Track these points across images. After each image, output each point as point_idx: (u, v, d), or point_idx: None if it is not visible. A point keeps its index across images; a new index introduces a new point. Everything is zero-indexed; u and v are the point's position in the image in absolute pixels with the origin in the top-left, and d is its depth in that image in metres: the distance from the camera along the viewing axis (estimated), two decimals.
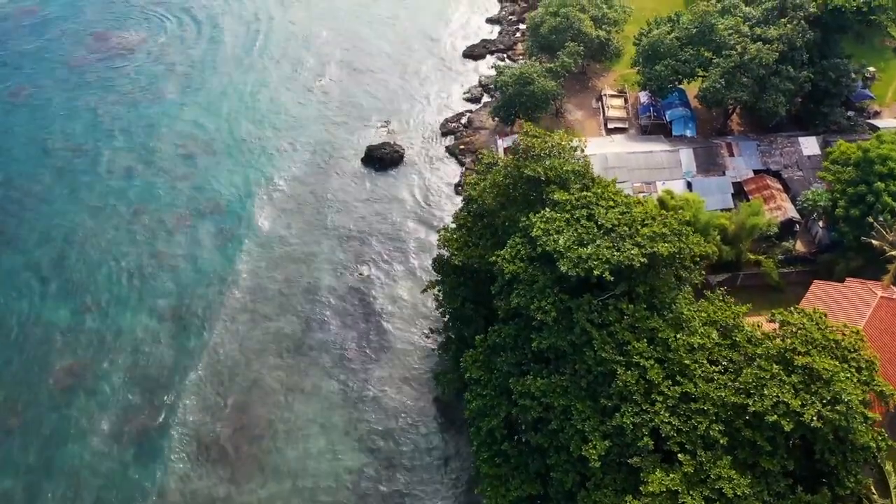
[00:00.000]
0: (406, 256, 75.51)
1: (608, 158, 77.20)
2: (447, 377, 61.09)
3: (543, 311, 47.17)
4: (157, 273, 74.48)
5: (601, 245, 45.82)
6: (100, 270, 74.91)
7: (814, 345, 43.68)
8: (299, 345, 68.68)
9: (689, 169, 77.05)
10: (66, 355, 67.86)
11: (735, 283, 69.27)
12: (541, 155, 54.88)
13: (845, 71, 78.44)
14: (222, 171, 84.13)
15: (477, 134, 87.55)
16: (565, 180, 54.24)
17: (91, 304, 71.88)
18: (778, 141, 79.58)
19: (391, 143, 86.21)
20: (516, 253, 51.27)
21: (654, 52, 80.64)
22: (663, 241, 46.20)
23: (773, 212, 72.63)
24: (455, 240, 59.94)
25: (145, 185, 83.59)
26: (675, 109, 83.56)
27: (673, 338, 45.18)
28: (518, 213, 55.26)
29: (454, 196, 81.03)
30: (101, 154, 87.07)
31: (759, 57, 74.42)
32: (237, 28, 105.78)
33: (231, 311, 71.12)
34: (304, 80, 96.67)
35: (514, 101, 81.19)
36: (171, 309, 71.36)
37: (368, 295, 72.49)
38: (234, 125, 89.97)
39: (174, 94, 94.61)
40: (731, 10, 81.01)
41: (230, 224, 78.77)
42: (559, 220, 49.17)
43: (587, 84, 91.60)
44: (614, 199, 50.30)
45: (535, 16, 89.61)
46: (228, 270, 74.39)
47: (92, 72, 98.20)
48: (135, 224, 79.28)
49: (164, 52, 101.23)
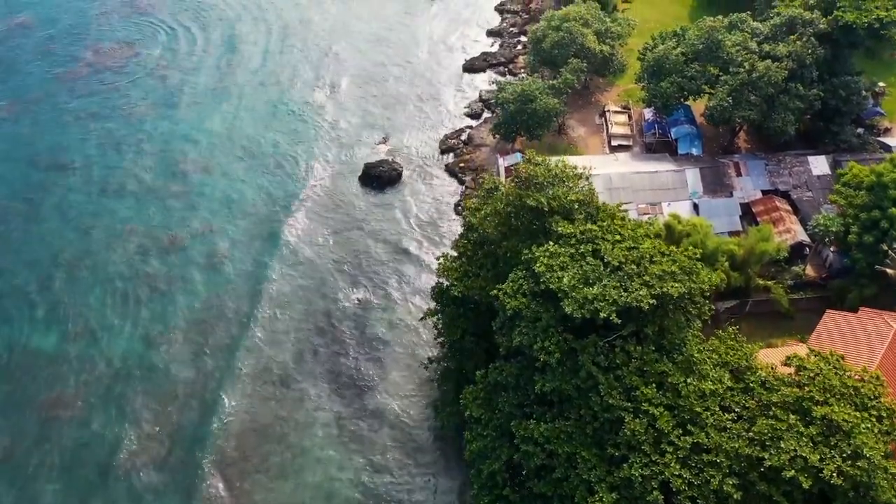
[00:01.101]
0: (404, 280, 73.34)
1: (612, 179, 75.08)
2: (447, 410, 59.00)
3: (547, 353, 45.07)
4: (148, 298, 72.28)
5: (608, 285, 43.69)
6: (90, 294, 72.70)
7: (832, 392, 41.55)
8: (293, 374, 66.50)
9: (696, 189, 74.89)
10: (53, 385, 65.66)
11: (744, 310, 67.38)
12: (543, 183, 52.74)
13: (856, 89, 76.27)
14: (216, 191, 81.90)
15: (477, 151, 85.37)
16: (569, 210, 52.18)
17: (80, 331, 69.67)
18: (786, 160, 77.44)
19: (389, 161, 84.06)
20: (518, 287, 49.18)
21: (660, 67, 78.54)
22: (673, 280, 44.07)
23: (782, 235, 70.53)
24: (455, 269, 57.87)
25: (137, 204, 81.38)
26: (681, 127, 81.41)
27: (683, 383, 43.05)
28: (520, 243, 53.23)
29: (454, 217, 78.89)
30: (92, 171, 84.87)
31: (767, 75, 72.30)
32: (231, 42, 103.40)
33: (221, 338, 68.95)
34: (300, 96, 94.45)
35: (516, 118, 79.01)
36: (162, 336, 69.18)
37: (365, 321, 70.32)
38: (228, 142, 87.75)
39: (168, 110, 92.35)
40: (738, 25, 78.87)
41: (223, 246, 76.56)
42: (563, 256, 47.05)
43: (590, 99, 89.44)
44: (621, 232, 48.16)
45: (537, 29, 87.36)
46: (220, 296, 72.17)
47: (84, 86, 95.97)
48: (126, 245, 77.03)
49: (158, 65, 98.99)
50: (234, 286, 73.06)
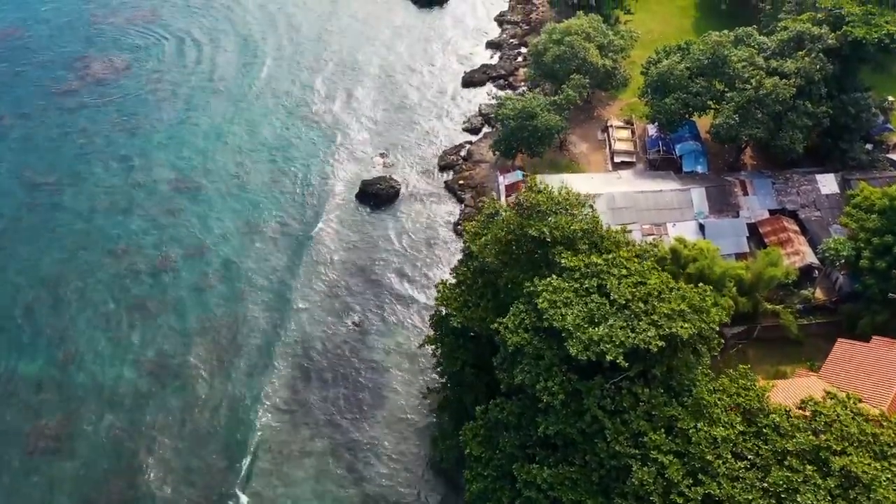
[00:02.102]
0: (402, 304, 71.31)
1: (615, 198, 73.10)
2: (446, 444, 57.01)
3: (550, 393, 43.11)
4: (138, 322, 70.31)
5: (614, 325, 41.69)
6: (78, 319, 70.73)
7: (850, 440, 39.58)
8: (288, 402, 64.58)
9: (701, 209, 72.91)
10: (40, 414, 63.74)
11: (752, 336, 65.45)
12: (546, 212, 50.74)
13: (866, 106, 74.30)
14: (208, 210, 79.81)
15: (477, 168, 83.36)
16: (572, 240, 50.19)
17: (68, 357, 67.71)
18: (794, 178, 75.45)
19: (386, 178, 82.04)
20: (520, 322, 47.20)
21: (663, 83, 76.57)
22: (682, 319, 42.08)
23: (790, 257, 68.56)
24: (454, 298, 55.82)
25: (128, 222, 79.35)
26: (686, 143, 79.41)
27: (693, 429, 41.03)
28: (521, 274, 51.30)
29: (452, 237, 76.90)
30: (82, 189, 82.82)
31: (775, 92, 70.33)
32: (226, 54, 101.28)
33: (214, 364, 66.99)
34: (296, 110, 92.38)
35: (516, 135, 77.03)
36: (153, 362, 67.20)
37: (362, 347, 68.37)
38: (222, 158, 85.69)
39: (161, 124, 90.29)
40: (744, 40, 76.92)
41: (215, 268, 74.56)
42: (567, 291, 45.05)
43: (592, 113, 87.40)
44: (627, 266, 46.10)
45: (538, 42, 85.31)
46: (212, 319, 70.18)
47: (75, 100, 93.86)
48: (116, 266, 75.07)
49: (152, 78, 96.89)
50: (226, 309, 71.08)
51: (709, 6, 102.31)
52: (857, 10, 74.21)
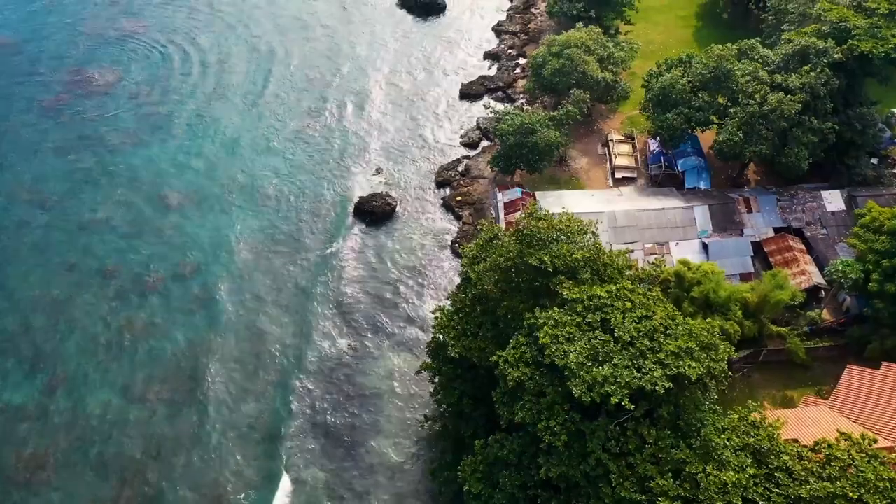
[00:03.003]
0: (398, 326, 69.60)
1: (617, 217, 71.49)
2: (444, 475, 55.24)
3: (552, 434, 41.49)
4: (129, 344, 68.39)
5: (619, 364, 40.01)
6: (68, 341, 68.83)
7: (866, 487, 37.94)
8: (280, 428, 62.79)
9: (705, 228, 71.32)
10: (28, 442, 61.81)
11: (757, 359, 63.83)
12: (546, 240, 49.07)
13: (872, 121, 72.80)
14: (200, 228, 78.00)
15: (475, 184, 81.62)
16: (574, 269, 48.54)
17: (58, 382, 65.79)
18: (799, 195, 73.89)
19: (382, 195, 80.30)
20: (520, 356, 45.64)
21: (665, 97, 74.95)
22: (690, 358, 40.42)
23: (796, 277, 66.95)
24: (451, 326, 54.11)
25: (119, 241, 77.39)
26: (688, 159, 77.79)
27: (702, 473, 39.36)
28: (521, 303, 49.71)
29: (450, 256, 75.19)
30: (71, 206, 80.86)
31: (780, 108, 68.72)
32: (219, 67, 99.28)
33: (206, 388, 65.20)
34: (289, 123, 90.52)
35: (515, 151, 75.38)
36: (143, 387, 65.31)
37: (357, 371, 66.62)
38: (215, 173, 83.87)
39: (152, 139, 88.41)
40: (748, 53, 75.37)
41: (207, 288, 72.72)
42: (569, 326, 43.39)
43: (592, 127, 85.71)
44: (631, 298, 44.42)
45: (538, 55, 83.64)
46: (204, 341, 68.35)
47: (65, 113, 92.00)
48: (107, 287, 73.11)
49: (144, 91, 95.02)
50: (218, 331, 69.25)
51: (710, 16, 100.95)
52: (863, 22, 72.70)
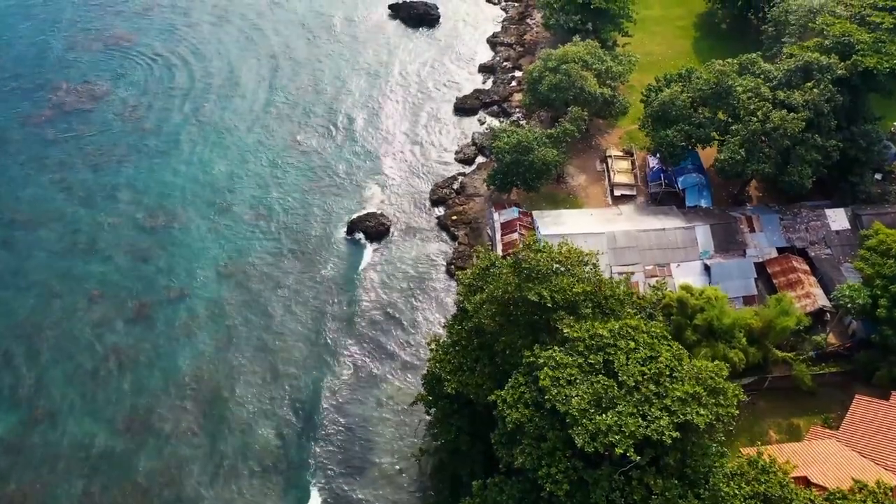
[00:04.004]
0: (393, 352, 67.72)
1: (617, 238, 69.68)
2: None
3: (554, 482, 39.66)
4: (114, 375, 66.45)
5: (623, 411, 38.20)
6: (52, 371, 66.87)
7: None
8: (273, 460, 60.94)
9: (707, 248, 69.54)
10: (10, 477, 59.86)
11: (762, 386, 62.12)
12: (546, 273, 47.22)
13: (877, 138, 71.11)
14: (188, 251, 75.89)
15: (470, 202, 79.74)
16: (575, 304, 46.72)
17: (41, 414, 63.84)
18: (802, 213, 72.16)
19: (376, 214, 78.36)
20: (519, 396, 43.86)
21: (665, 114, 73.20)
22: (698, 405, 38.61)
23: (801, 300, 65.23)
24: (447, 360, 52.24)
25: (106, 264, 75.33)
26: (689, 176, 75.95)
27: None
28: (520, 339, 47.86)
29: (446, 277, 73.31)
30: (57, 227, 78.62)
31: (783, 126, 66.99)
32: (207, 80, 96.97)
33: (196, 419, 63.29)
34: (280, 140, 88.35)
35: (512, 169, 73.52)
36: (130, 419, 63.38)
37: (353, 399, 64.78)
38: (205, 192, 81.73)
39: (141, 157, 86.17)
40: (749, 68, 73.57)
41: (195, 313, 70.74)
42: (571, 367, 41.58)
43: (590, 142, 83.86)
44: (635, 337, 42.60)
45: (534, 69, 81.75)
46: (194, 369, 66.45)
47: (50, 130, 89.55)
48: (92, 313, 71.14)
49: (131, 106, 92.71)
50: (206, 358, 67.39)
51: (708, 26, 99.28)
52: (867, 37, 70.99)
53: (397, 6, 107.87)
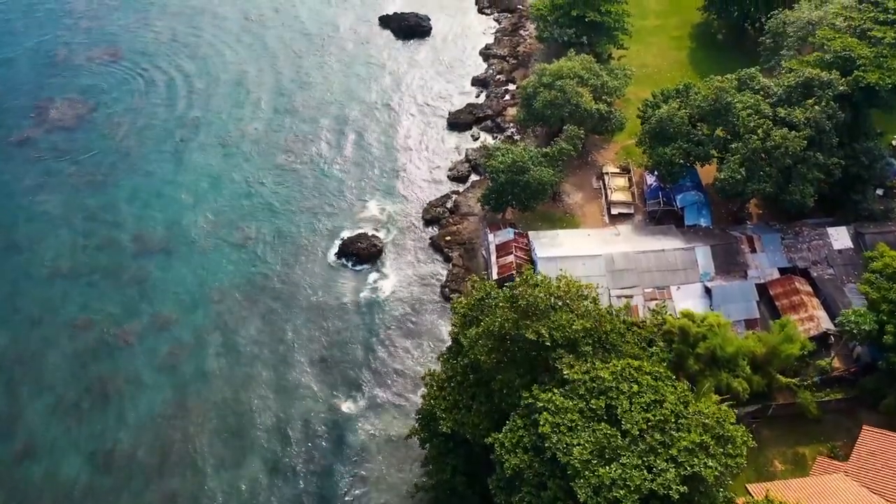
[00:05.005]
0: (386, 381, 65.75)
1: (615, 260, 67.89)
2: None
3: None
4: (98, 407, 64.39)
5: (628, 463, 36.39)
6: (34, 404, 64.77)
7: None
8: (261, 497, 58.89)
9: (707, 270, 67.81)
10: None
11: (766, 414, 60.42)
12: (544, 310, 45.39)
13: (879, 155, 69.56)
14: (175, 275, 73.80)
15: (464, 221, 77.84)
16: (574, 341, 44.90)
17: (24, 450, 61.72)
18: (804, 232, 70.50)
19: (367, 235, 76.36)
20: (518, 440, 42.10)
21: (663, 131, 71.48)
22: (706, 455, 36.82)
23: (804, 323, 63.54)
24: (442, 397, 50.37)
25: (90, 290, 73.17)
26: (687, 194, 74.22)
27: None
28: (518, 378, 46.04)
29: (440, 300, 71.44)
30: (40, 252, 76.45)
31: (784, 145, 65.33)
32: (196, 97, 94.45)
33: (182, 455, 61.19)
34: (268, 158, 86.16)
35: (507, 189, 71.68)
36: (116, 453, 61.29)
37: (346, 430, 62.76)
38: (192, 215, 79.45)
39: (126, 177, 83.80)
40: (748, 83, 71.89)
41: (183, 342, 68.63)
42: (571, 412, 39.79)
43: (586, 158, 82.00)
44: (638, 379, 40.80)
45: (528, 85, 79.88)
46: (178, 403, 64.30)
47: (33, 149, 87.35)
48: (75, 342, 69.11)
49: (115, 124, 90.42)
50: (194, 389, 65.33)
51: (704, 37, 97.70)
52: (868, 51, 69.38)
53: (388, 18, 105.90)
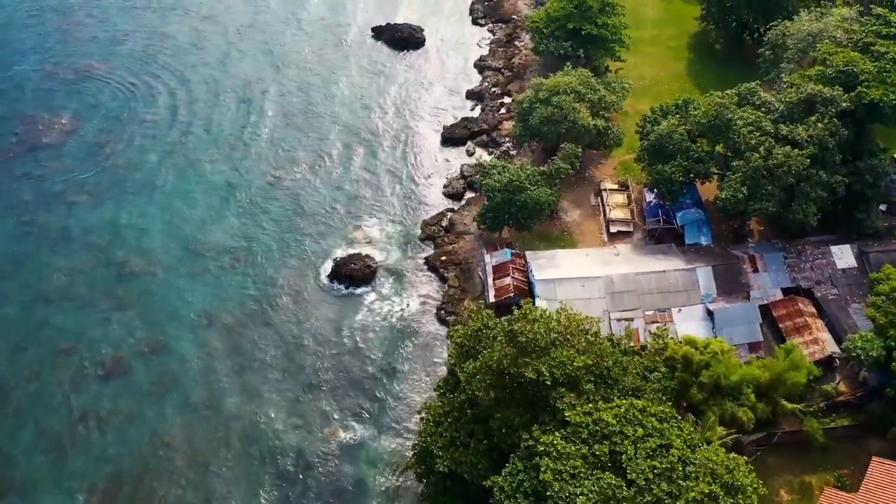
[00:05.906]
0: (382, 410, 63.92)
1: (614, 282, 66.37)
2: None
3: None
4: (87, 438, 62.39)
5: None
6: (19, 436, 62.72)
7: None
8: None
9: (709, 291, 66.36)
10: None
11: (771, 441, 58.97)
12: (544, 346, 43.78)
13: (883, 172, 68.20)
14: (164, 298, 71.92)
15: (460, 240, 76.15)
16: (576, 379, 43.32)
17: (4, 486, 59.73)
18: (807, 251, 69.12)
19: (361, 256, 74.63)
20: (518, 484, 40.44)
21: (662, 148, 70.04)
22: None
23: (808, 346, 62.16)
24: (439, 434, 48.71)
25: (77, 313, 71.09)
26: (687, 211, 72.77)
27: None
28: (517, 417, 44.42)
29: (435, 322, 69.82)
30: (24, 275, 74.29)
31: (787, 163, 63.88)
32: (184, 112, 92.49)
33: (170, 488, 59.31)
34: (260, 176, 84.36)
35: (503, 208, 70.13)
36: (103, 490, 59.32)
37: (341, 460, 60.92)
38: (179, 236, 77.57)
39: (113, 196, 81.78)
40: (748, 98, 70.43)
41: (173, 369, 66.77)
42: (574, 457, 38.22)
43: (584, 174, 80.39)
44: (643, 421, 39.27)
45: (524, 100, 78.34)
46: (168, 433, 62.42)
47: (18, 167, 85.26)
48: (62, 369, 67.01)
49: (102, 141, 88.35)
50: (184, 418, 63.36)
51: (702, 47, 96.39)
52: (871, 66, 67.96)
53: (380, 28, 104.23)
